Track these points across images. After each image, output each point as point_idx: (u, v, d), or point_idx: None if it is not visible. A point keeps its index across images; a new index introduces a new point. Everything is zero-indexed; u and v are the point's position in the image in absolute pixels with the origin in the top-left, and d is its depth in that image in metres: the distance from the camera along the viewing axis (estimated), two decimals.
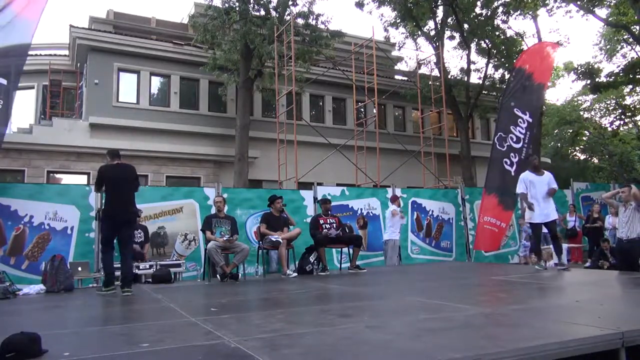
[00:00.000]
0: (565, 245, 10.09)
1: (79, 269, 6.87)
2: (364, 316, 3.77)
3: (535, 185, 6.87)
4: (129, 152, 14.86)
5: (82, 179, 14.00)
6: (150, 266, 7.14)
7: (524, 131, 9.58)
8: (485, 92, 19.99)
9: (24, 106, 17.84)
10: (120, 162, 5.97)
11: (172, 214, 8.18)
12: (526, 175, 7.03)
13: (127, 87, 15.95)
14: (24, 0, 5.22)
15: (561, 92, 67.18)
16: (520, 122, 9.57)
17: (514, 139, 9.55)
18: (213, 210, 7.63)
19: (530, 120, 9.63)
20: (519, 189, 7.00)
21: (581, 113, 29.23)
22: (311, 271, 7.56)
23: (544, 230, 10.91)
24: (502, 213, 9.31)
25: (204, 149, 15.88)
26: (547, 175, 6.99)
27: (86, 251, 7.49)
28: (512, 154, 9.50)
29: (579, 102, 30.10)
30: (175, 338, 3.04)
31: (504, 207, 9.29)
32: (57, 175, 14.38)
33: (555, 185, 6.95)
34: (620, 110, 28.12)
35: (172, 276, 7.14)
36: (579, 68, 23.12)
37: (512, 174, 9.13)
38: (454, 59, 58.63)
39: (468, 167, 18.14)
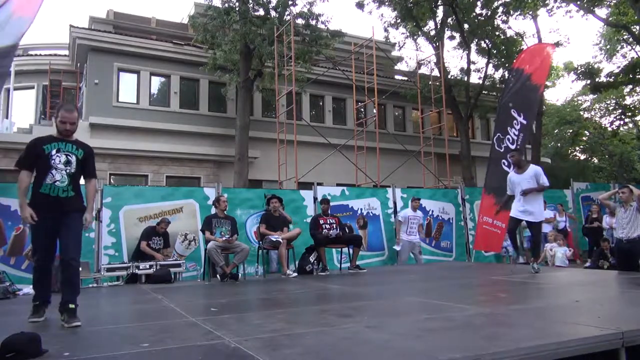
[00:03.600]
0: (564, 249, 10.06)
1: (79, 269, 6.87)
2: (364, 316, 3.77)
3: (517, 184, 6.53)
4: (129, 152, 14.90)
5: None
6: (150, 266, 7.15)
7: (517, 133, 9.58)
8: (485, 92, 19.99)
9: (24, 106, 17.86)
10: None
11: (172, 214, 8.17)
12: (509, 175, 6.80)
13: (127, 87, 15.95)
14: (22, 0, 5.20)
15: (561, 92, 67.33)
16: (515, 123, 9.58)
17: (510, 140, 9.56)
18: (214, 210, 7.63)
19: (525, 122, 9.62)
20: (508, 190, 6.81)
21: (581, 113, 29.29)
22: (311, 271, 7.57)
23: (546, 230, 10.96)
24: (499, 214, 9.29)
25: (204, 149, 15.88)
26: (530, 171, 6.51)
27: (86, 251, 7.46)
28: (509, 155, 9.51)
29: (579, 102, 30.15)
30: (175, 338, 3.04)
31: (500, 207, 9.27)
32: None
33: (543, 181, 6.41)
34: (620, 110, 28.15)
35: (172, 276, 7.14)
36: (579, 68, 23.09)
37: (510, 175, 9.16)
38: (454, 59, 58.87)
39: (468, 167, 18.14)
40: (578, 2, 17.66)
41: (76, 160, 3.88)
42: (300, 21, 14.77)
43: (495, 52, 19.11)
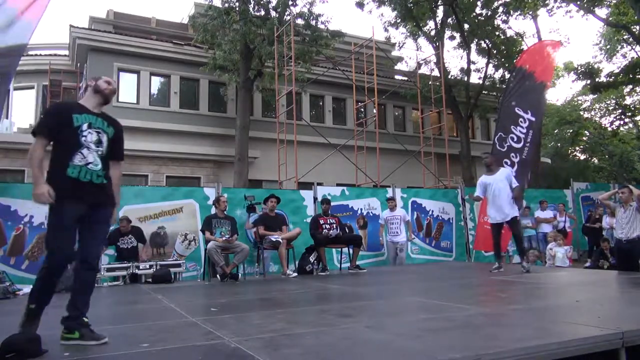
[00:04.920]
0: (565, 248, 10.04)
1: None
2: (364, 316, 3.77)
3: (489, 185, 6.72)
4: (129, 152, 14.81)
5: None
6: (150, 266, 7.15)
7: (525, 130, 9.56)
8: (485, 92, 19.99)
9: (24, 106, 17.85)
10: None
11: (172, 214, 8.17)
12: (481, 178, 6.96)
13: (127, 87, 15.94)
14: (25, 0, 5.22)
15: (561, 92, 67.22)
16: (521, 121, 9.56)
17: (515, 139, 9.54)
18: (213, 210, 7.63)
19: (533, 119, 9.61)
20: (477, 192, 6.94)
21: (581, 113, 29.26)
22: (311, 271, 7.56)
23: (532, 232, 10.96)
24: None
25: (204, 149, 15.88)
26: (502, 173, 6.76)
27: None
28: (512, 154, 9.50)
29: (579, 102, 30.13)
30: (175, 338, 3.04)
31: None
32: None
33: (514, 183, 6.66)
34: (620, 110, 28.14)
35: (172, 276, 7.14)
36: (579, 68, 23.11)
37: (514, 174, 9.14)
38: (454, 59, 58.83)
39: (468, 167, 18.14)
40: (578, 2, 17.66)
41: (107, 140, 3.18)
42: (300, 21, 14.77)
43: (495, 52, 19.14)
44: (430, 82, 17.06)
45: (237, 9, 14.31)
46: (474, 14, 18.64)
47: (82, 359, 2.57)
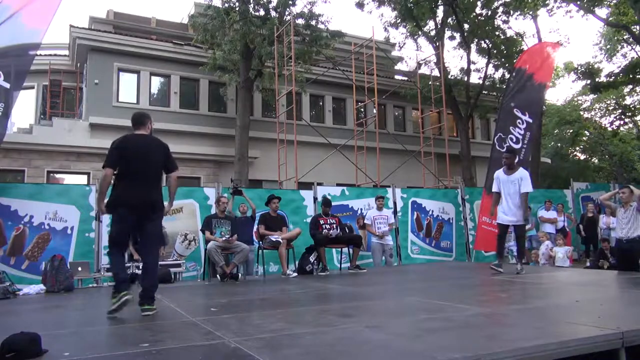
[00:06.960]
0: (566, 248, 10.04)
1: (79, 269, 6.88)
2: (364, 316, 3.77)
3: (505, 185, 6.63)
4: None
5: (82, 179, 14.00)
6: None
7: (522, 132, 9.58)
8: (485, 92, 19.99)
9: (24, 106, 17.87)
10: (146, 134, 4.43)
11: (172, 214, 8.15)
12: (497, 173, 6.86)
13: (127, 87, 15.95)
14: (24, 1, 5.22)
15: (561, 92, 67.22)
16: (519, 122, 9.59)
17: (514, 140, 9.56)
18: (213, 210, 7.63)
19: (530, 120, 9.64)
20: (493, 187, 6.86)
21: (581, 113, 29.26)
22: (311, 271, 7.57)
23: (532, 233, 10.95)
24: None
25: (204, 149, 15.87)
26: (518, 174, 6.58)
27: (86, 251, 7.50)
28: (503, 157, 9.51)
29: (579, 102, 30.12)
30: (175, 338, 3.04)
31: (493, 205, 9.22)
32: (57, 175, 14.39)
33: (526, 189, 6.47)
34: (620, 110, 28.14)
35: (172, 276, 7.14)
36: (579, 68, 23.08)
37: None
38: (454, 59, 58.90)
39: (468, 167, 18.14)
40: (578, 2, 17.66)
41: None
42: (300, 21, 14.77)
43: (495, 52, 19.12)
44: (430, 82, 17.06)
45: (237, 9, 14.31)
46: (474, 14, 18.63)
47: (82, 358, 2.57)
